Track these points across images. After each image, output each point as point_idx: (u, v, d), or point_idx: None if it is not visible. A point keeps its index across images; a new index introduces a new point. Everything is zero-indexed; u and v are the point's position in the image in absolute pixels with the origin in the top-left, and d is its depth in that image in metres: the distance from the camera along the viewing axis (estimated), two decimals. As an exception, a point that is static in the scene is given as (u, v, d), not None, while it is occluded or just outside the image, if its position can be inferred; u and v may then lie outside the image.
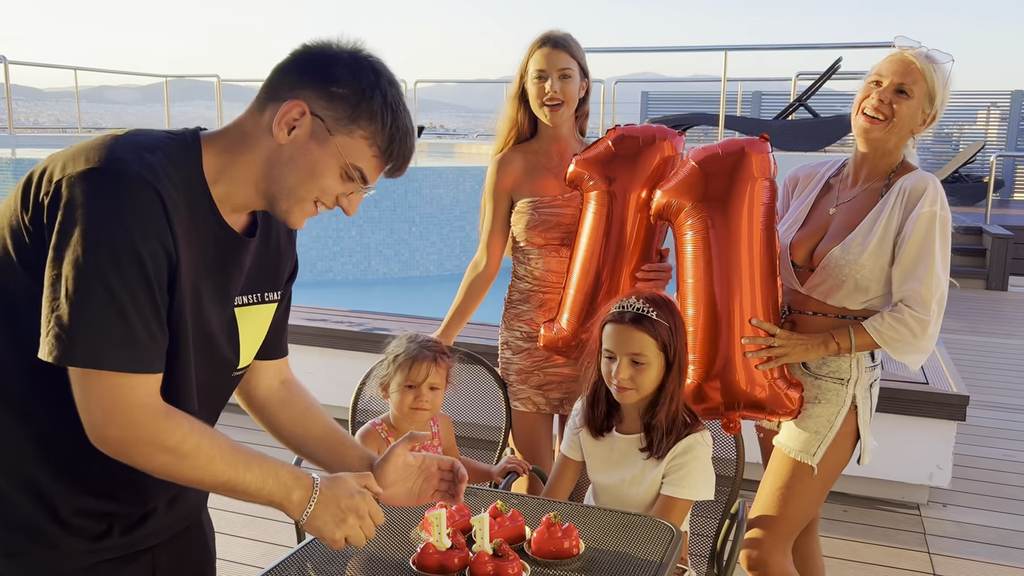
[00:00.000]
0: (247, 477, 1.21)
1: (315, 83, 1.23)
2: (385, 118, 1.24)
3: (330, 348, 4.32)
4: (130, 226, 1.10)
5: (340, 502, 1.29)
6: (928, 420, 3.45)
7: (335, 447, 1.53)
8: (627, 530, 1.69)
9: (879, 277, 2.02)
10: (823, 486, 2.12)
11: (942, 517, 3.48)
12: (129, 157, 1.13)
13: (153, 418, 1.14)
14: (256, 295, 1.38)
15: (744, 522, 2.05)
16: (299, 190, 1.25)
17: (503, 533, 1.61)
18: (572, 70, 2.36)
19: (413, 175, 7.36)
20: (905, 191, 2.00)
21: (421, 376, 2.09)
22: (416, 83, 12.48)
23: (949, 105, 2.12)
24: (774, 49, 7.75)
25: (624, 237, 2.23)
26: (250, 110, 1.27)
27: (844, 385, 2.07)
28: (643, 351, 1.84)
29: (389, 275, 6.93)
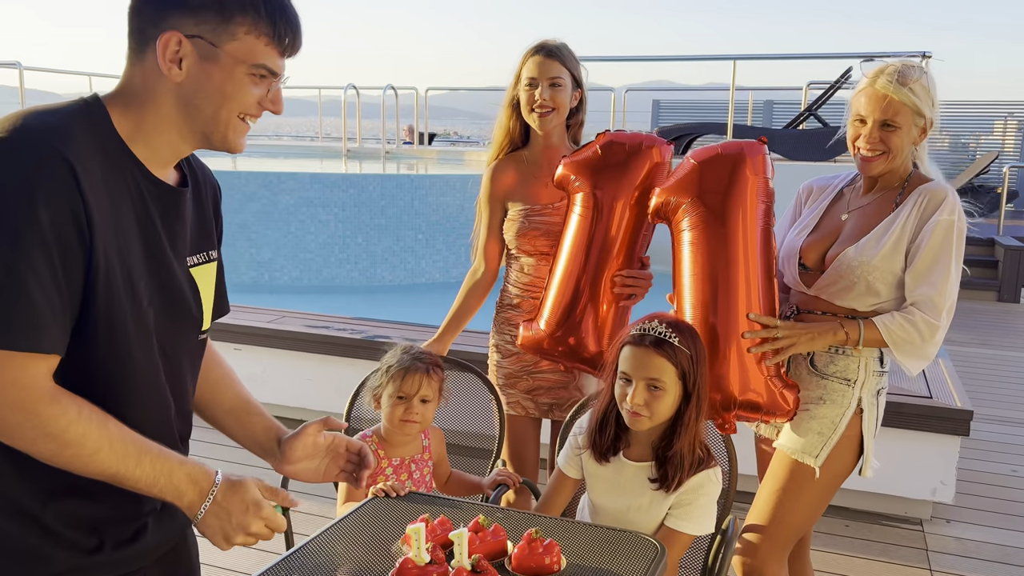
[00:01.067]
0: (137, 473, 1.16)
1: (174, 5, 1.17)
2: (256, 3, 1.18)
3: (330, 355, 4.33)
4: (35, 195, 1.05)
5: (232, 517, 1.23)
6: (931, 435, 3.40)
7: (241, 416, 1.49)
8: (611, 546, 1.67)
9: (890, 280, 2.01)
10: (824, 492, 2.09)
11: (945, 533, 3.44)
12: (34, 124, 1.09)
13: (38, 402, 1.08)
14: (202, 255, 1.33)
15: (734, 539, 2.03)
16: (221, 113, 1.20)
17: (484, 548, 1.59)
18: (563, 79, 2.39)
19: (419, 182, 7.38)
20: (924, 198, 2.00)
21: (413, 388, 2.08)
22: (427, 90, 12.51)
23: (966, 115, 2.13)
24: (783, 59, 7.71)
25: (608, 241, 2.24)
26: (131, 61, 1.21)
27: (851, 386, 2.05)
28: (661, 376, 1.79)
29: (395, 282, 6.93)
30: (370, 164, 9.61)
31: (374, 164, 9.63)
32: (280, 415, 4.55)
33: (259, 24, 1.19)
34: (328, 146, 12.68)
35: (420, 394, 2.09)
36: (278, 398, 4.56)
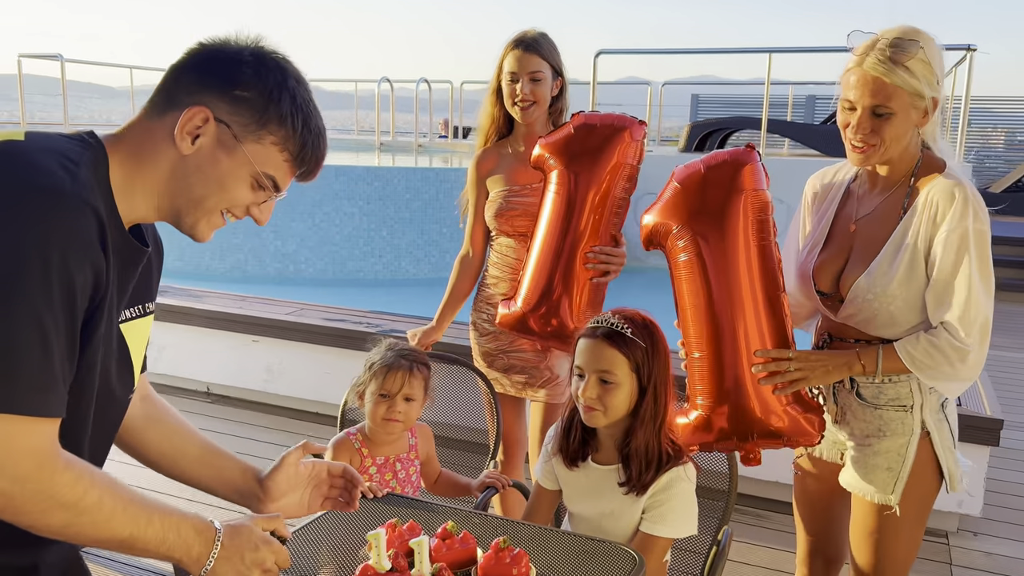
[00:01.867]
0: (148, 533, 1.10)
1: (217, 86, 1.14)
2: (295, 121, 1.16)
3: (348, 349, 4.30)
4: (67, 250, 0.99)
5: (244, 556, 1.18)
6: (960, 444, 3.24)
7: (212, 461, 1.42)
8: (586, 557, 1.59)
9: (915, 304, 1.79)
10: (916, 520, 1.90)
11: (972, 547, 3.28)
12: (58, 170, 1.02)
13: (51, 469, 1.01)
14: (139, 307, 1.26)
15: (727, 550, 1.93)
16: (207, 202, 1.17)
17: (452, 556, 1.53)
18: (543, 72, 2.45)
19: (445, 176, 7.34)
20: (932, 204, 1.75)
21: (396, 386, 2.02)
22: (462, 84, 12.47)
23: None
24: (820, 51, 7.47)
25: (583, 217, 2.26)
26: (147, 114, 1.17)
27: (909, 412, 1.84)
28: (612, 369, 1.72)
29: (419, 276, 6.90)
30: (403, 158, 9.60)
31: (407, 158, 9.62)
32: (297, 407, 4.59)
33: (289, 142, 1.18)
34: (363, 139, 12.71)
35: (403, 392, 2.02)
36: (295, 391, 4.56)
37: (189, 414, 4.71)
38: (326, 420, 4.41)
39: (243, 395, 4.73)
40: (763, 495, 3.51)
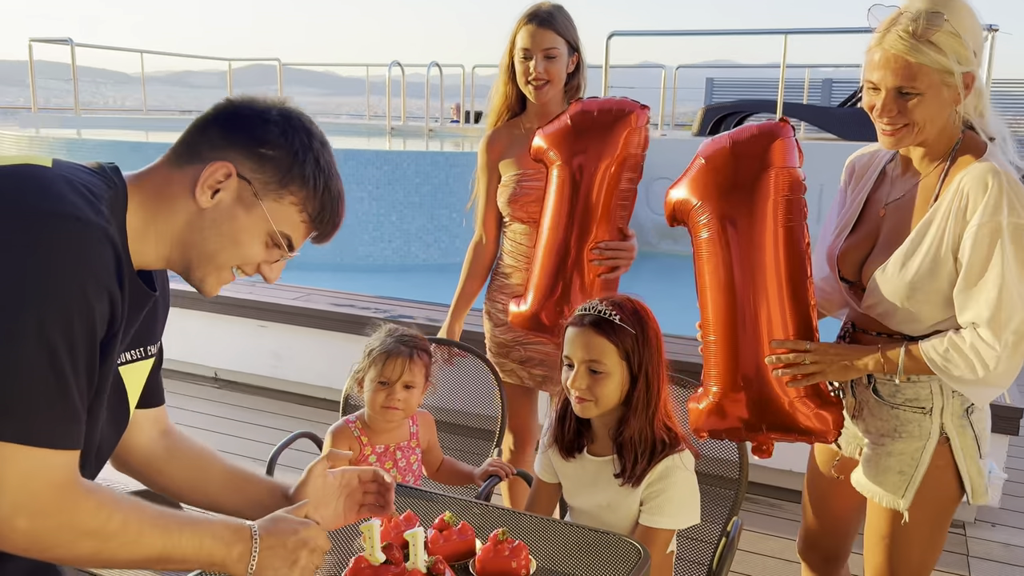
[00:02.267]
0: (182, 542, 1.09)
1: (243, 143, 1.14)
2: (318, 183, 1.17)
3: (355, 334, 4.27)
4: (87, 283, 0.98)
5: (287, 542, 1.17)
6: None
7: (241, 486, 1.39)
8: (589, 549, 1.54)
9: (938, 301, 1.66)
10: (933, 527, 1.78)
11: (989, 538, 3.21)
12: (82, 203, 1.02)
13: (72, 500, 0.99)
14: (140, 350, 1.24)
15: (737, 540, 1.87)
16: (219, 257, 1.16)
17: (449, 548, 1.48)
18: (558, 49, 2.33)
19: (455, 160, 7.27)
20: (962, 194, 1.59)
21: (395, 373, 1.97)
22: (474, 68, 12.36)
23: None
24: (837, 32, 7.30)
25: (588, 211, 2.15)
26: (169, 160, 1.17)
27: (927, 415, 1.72)
28: (601, 358, 1.65)
29: (429, 261, 6.85)
30: (414, 142, 9.53)
31: (418, 142, 9.55)
32: (304, 393, 4.56)
33: (308, 203, 1.18)
34: (374, 124, 12.65)
35: (403, 380, 1.97)
36: (303, 376, 4.54)
37: (197, 399, 4.73)
38: (333, 406, 4.36)
39: (251, 380, 4.71)
40: (775, 484, 3.45)
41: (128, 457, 1.35)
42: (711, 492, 2.09)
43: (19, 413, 0.95)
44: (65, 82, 13.37)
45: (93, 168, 1.13)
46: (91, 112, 13.57)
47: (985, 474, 1.77)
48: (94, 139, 8.03)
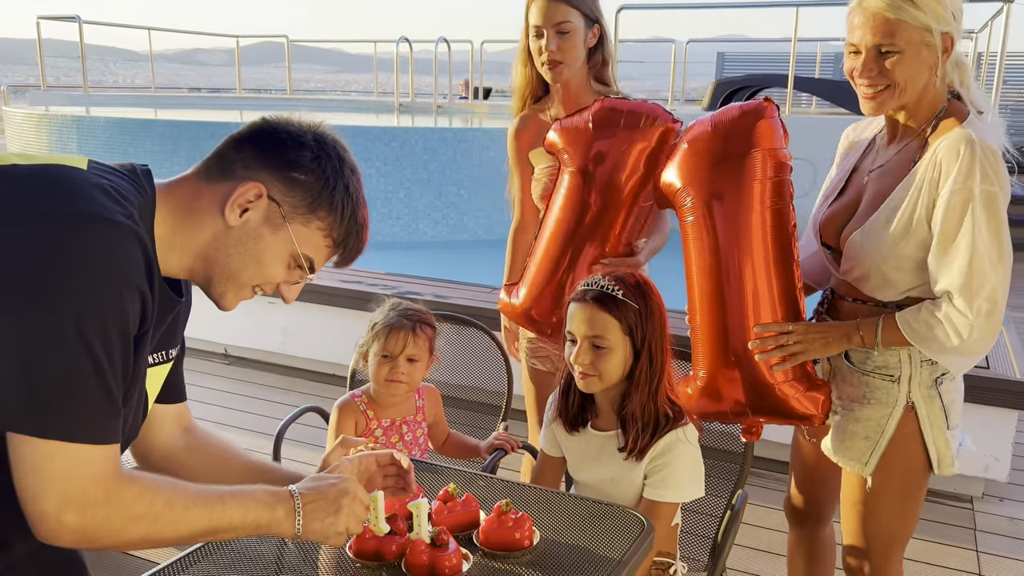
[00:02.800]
0: (227, 511, 1.12)
1: (276, 165, 1.16)
2: (345, 210, 1.19)
3: (364, 311, 4.28)
4: (120, 283, 1.00)
5: (327, 494, 1.20)
6: (986, 408, 3.16)
7: (258, 479, 1.38)
8: (593, 521, 1.54)
9: (910, 267, 1.67)
10: (903, 499, 1.79)
11: (997, 513, 3.21)
12: (112, 205, 1.03)
13: (116, 490, 1.02)
14: (162, 353, 1.26)
15: (741, 512, 1.88)
16: (241, 275, 1.18)
17: (453, 519, 1.49)
18: (572, 23, 2.13)
19: (463, 136, 7.23)
20: (936, 162, 1.61)
21: (398, 347, 1.97)
22: (482, 43, 12.27)
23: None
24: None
25: (594, 223, 1.99)
26: (199, 173, 1.19)
27: (895, 383, 1.74)
28: (604, 334, 1.65)
29: (437, 238, 6.85)
30: (422, 119, 9.49)
31: (426, 119, 9.51)
32: (313, 369, 4.59)
33: (334, 229, 1.20)
34: (382, 101, 12.60)
35: (406, 353, 1.97)
36: (312, 353, 4.56)
37: (207, 375, 4.76)
38: (341, 381, 4.38)
39: (260, 356, 4.74)
40: (782, 458, 3.45)
41: (150, 453, 1.38)
42: (717, 466, 2.09)
43: (63, 411, 0.97)
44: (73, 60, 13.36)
45: (126, 171, 1.14)
46: (100, 90, 13.57)
47: (954, 446, 1.77)
48: (103, 117, 8.03)
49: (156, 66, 13.13)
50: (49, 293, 0.95)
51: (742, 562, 2.83)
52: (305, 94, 16.23)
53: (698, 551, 2.11)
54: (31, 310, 0.95)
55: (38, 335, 0.95)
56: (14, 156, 1.07)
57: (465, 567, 1.37)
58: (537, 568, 1.39)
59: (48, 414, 0.96)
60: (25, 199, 0.99)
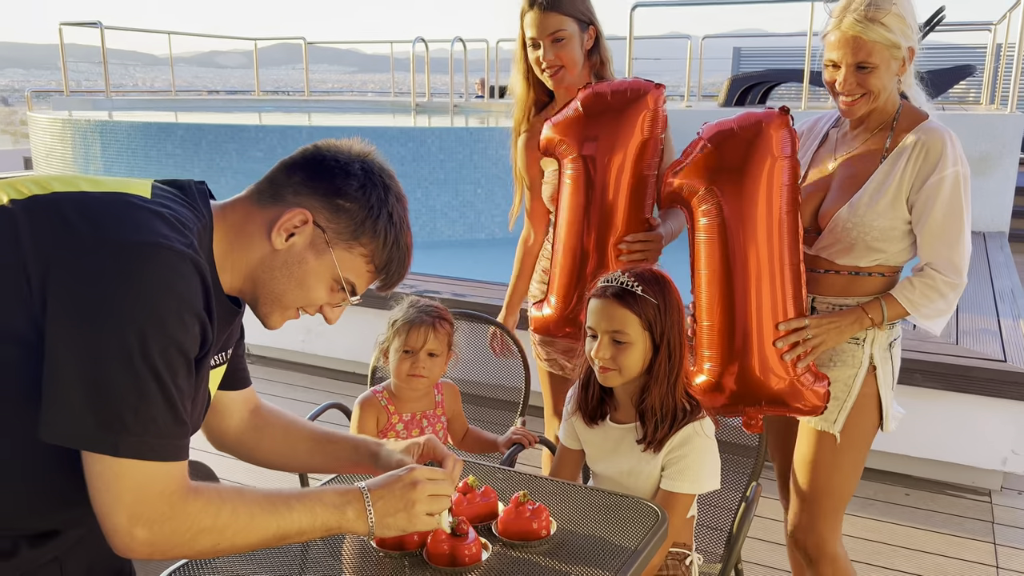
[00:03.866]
0: (294, 517, 1.16)
1: (323, 192, 1.20)
2: (388, 237, 1.23)
3: (382, 310, 4.32)
4: (182, 309, 1.05)
5: (394, 489, 1.25)
6: (1004, 401, 3.17)
7: (326, 448, 1.49)
8: (608, 512, 1.58)
9: (892, 236, 1.88)
10: (856, 455, 1.99)
11: (1015, 506, 3.21)
12: (173, 235, 1.08)
13: (182, 504, 1.07)
14: (223, 355, 1.32)
15: (755, 503, 1.92)
16: (285, 297, 1.22)
17: (472, 510, 1.53)
18: (566, 30, 2.18)
19: (479, 135, 7.27)
20: (923, 148, 1.84)
21: (419, 342, 2.02)
22: (498, 42, 12.30)
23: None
24: None
25: (606, 205, 2.04)
26: (252, 195, 1.23)
27: (860, 345, 1.93)
28: (624, 328, 1.69)
29: (455, 237, 6.88)
30: (439, 118, 9.55)
31: (442, 118, 9.56)
32: (333, 367, 4.65)
33: (377, 256, 1.24)
34: (399, 101, 12.66)
35: (427, 348, 2.02)
36: (332, 351, 4.63)
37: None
38: (361, 379, 4.45)
39: (282, 356, 4.81)
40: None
41: (224, 438, 1.46)
42: (732, 460, 2.13)
43: (135, 431, 1.02)
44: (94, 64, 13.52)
45: (184, 194, 1.19)
46: (121, 94, 13.75)
47: (893, 404, 1.97)
48: (126, 121, 8.14)
49: (174, 69, 13.28)
50: (115, 319, 1.00)
51: (759, 555, 2.86)
52: (322, 95, 16.34)
53: (714, 544, 2.15)
54: (99, 335, 0.99)
55: (107, 359, 1.00)
56: (83, 181, 1.12)
57: (484, 556, 1.41)
58: (554, 557, 1.43)
59: (121, 434, 1.01)
60: (92, 227, 1.04)
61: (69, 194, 1.08)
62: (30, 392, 1.02)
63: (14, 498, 1.09)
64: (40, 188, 1.09)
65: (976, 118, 6.60)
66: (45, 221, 1.04)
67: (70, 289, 1.00)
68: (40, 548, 1.15)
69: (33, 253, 1.02)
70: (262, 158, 7.11)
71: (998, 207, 6.28)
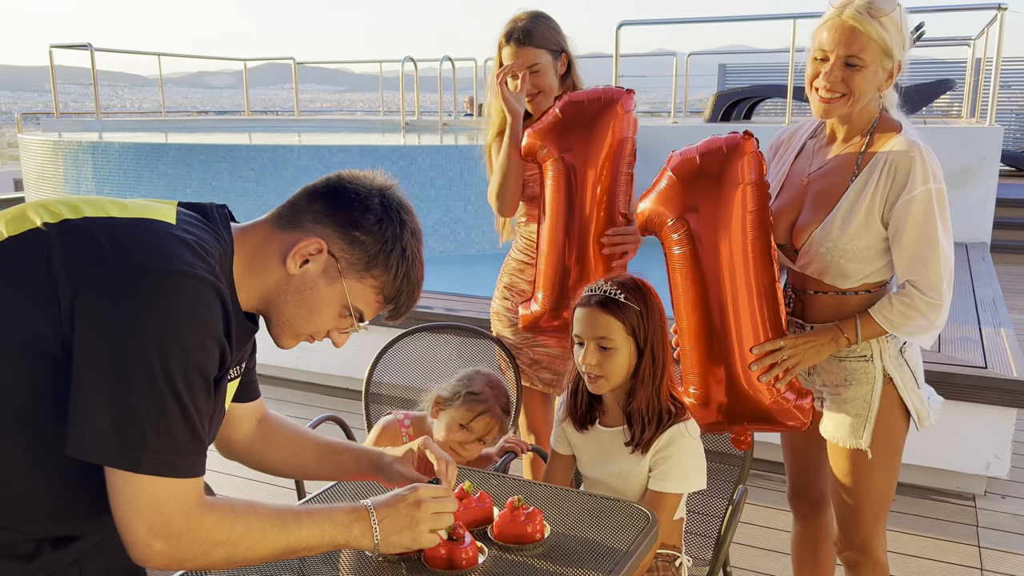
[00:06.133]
0: (303, 533, 1.21)
1: (340, 223, 1.24)
2: (399, 271, 1.27)
3: (374, 325, 4.36)
4: (204, 334, 1.10)
5: (399, 508, 1.30)
6: (986, 407, 3.24)
7: (330, 458, 1.55)
8: (600, 515, 1.63)
9: (867, 255, 1.89)
10: (890, 459, 2.00)
11: (999, 509, 3.28)
12: (196, 261, 1.12)
13: (198, 519, 1.12)
14: (238, 368, 1.36)
15: (741, 507, 1.97)
16: (295, 322, 1.27)
17: (468, 515, 1.58)
18: (541, 63, 2.34)
19: (468, 153, 7.35)
20: (892, 167, 1.82)
21: (480, 429, 2.06)
22: (486, 60, 12.41)
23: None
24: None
25: (585, 205, 2.19)
26: (274, 219, 1.27)
27: (869, 361, 1.94)
28: (609, 335, 1.76)
29: (445, 253, 6.95)
30: (428, 136, 9.63)
31: (432, 136, 9.64)
32: (328, 384, 4.69)
33: (387, 288, 1.28)
34: (389, 119, 12.75)
35: (482, 435, 2.06)
36: (325, 367, 4.66)
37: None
38: (354, 395, 4.50)
39: (276, 372, 4.84)
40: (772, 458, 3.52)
41: (232, 447, 1.51)
42: (720, 469, 2.18)
43: (156, 449, 1.07)
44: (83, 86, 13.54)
45: (206, 219, 1.23)
46: (110, 116, 13.78)
47: (926, 401, 1.97)
48: (118, 142, 8.18)
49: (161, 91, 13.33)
50: (140, 342, 1.04)
51: (749, 561, 2.91)
52: (312, 114, 16.41)
53: (702, 550, 2.20)
54: (124, 357, 1.04)
55: (131, 380, 1.04)
56: (111, 205, 1.17)
57: (481, 559, 1.46)
58: (548, 560, 1.48)
59: (142, 452, 1.06)
60: (120, 253, 1.08)
61: (99, 219, 1.13)
62: (60, 407, 1.07)
63: (42, 506, 1.14)
64: (72, 212, 1.14)
65: (957, 131, 6.72)
66: (76, 245, 1.09)
67: (98, 311, 1.05)
68: (62, 551, 1.19)
69: (64, 275, 1.06)
70: (253, 177, 7.17)
71: (979, 218, 6.39)
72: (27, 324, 1.06)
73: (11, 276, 1.08)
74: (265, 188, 7.23)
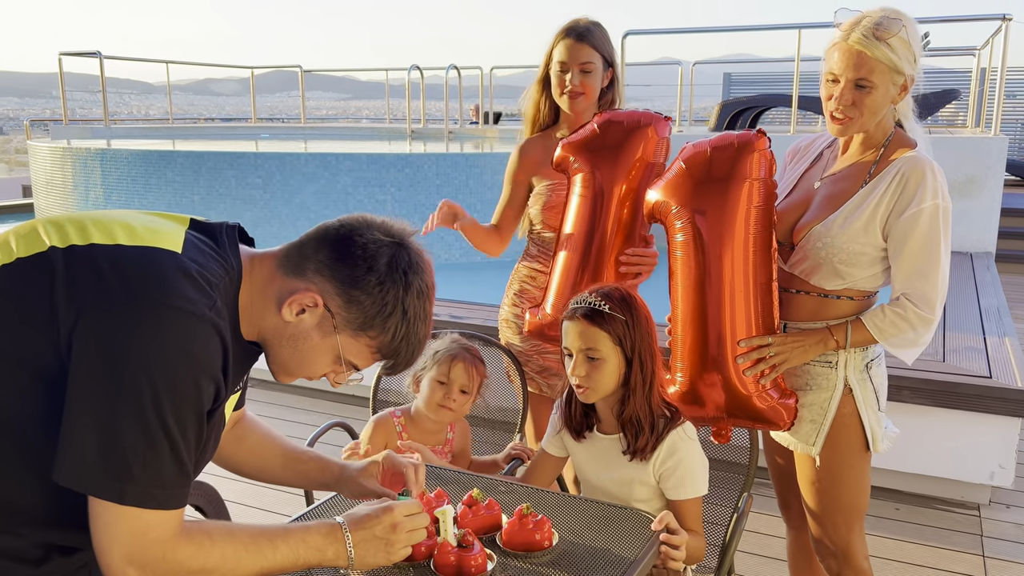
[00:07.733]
0: (277, 557, 1.22)
1: (341, 279, 1.22)
2: (397, 333, 1.25)
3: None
4: (198, 371, 1.11)
5: (374, 531, 1.31)
6: (990, 416, 3.25)
7: (295, 466, 1.57)
8: (608, 523, 1.65)
9: (860, 261, 1.90)
10: (854, 472, 1.99)
11: (1003, 519, 3.28)
12: (197, 296, 1.13)
13: (173, 550, 1.13)
14: (238, 384, 1.38)
15: (746, 514, 1.99)
16: (288, 366, 1.29)
17: (477, 522, 1.60)
18: (593, 64, 2.39)
19: (474, 161, 7.38)
20: (903, 178, 1.85)
21: (456, 376, 2.10)
22: (492, 69, 12.47)
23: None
24: (851, 25, 7.33)
25: (608, 221, 2.21)
26: (282, 259, 1.26)
27: (833, 368, 1.96)
28: (596, 346, 1.78)
29: (451, 261, 6.96)
30: (434, 144, 9.66)
31: (438, 144, 9.67)
32: (329, 389, 4.70)
33: (383, 348, 1.27)
34: (395, 127, 12.80)
35: (461, 384, 2.11)
36: (331, 375, 4.68)
37: (230, 398, 4.83)
38: (362, 402, 4.52)
39: (282, 379, 4.86)
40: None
41: None
42: (726, 477, 2.20)
43: (140, 482, 1.08)
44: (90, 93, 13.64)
45: (215, 240, 1.24)
46: (118, 122, 13.86)
47: (882, 426, 1.98)
48: (126, 149, 8.23)
49: (169, 98, 13.41)
50: (133, 374, 1.06)
51: (753, 569, 2.92)
52: (318, 122, 16.48)
53: (707, 558, 2.20)
54: (116, 388, 1.06)
55: (122, 412, 1.06)
56: (119, 229, 1.17)
57: (489, 567, 1.48)
58: (557, 567, 1.50)
59: (127, 483, 1.08)
60: (122, 284, 1.10)
61: (104, 247, 1.14)
62: (52, 431, 1.09)
63: (44, 517, 1.17)
64: (79, 236, 1.15)
65: (962, 141, 6.73)
66: (79, 272, 1.11)
67: (95, 340, 1.07)
68: (71, 556, 1.22)
69: (66, 301, 1.09)
70: (260, 184, 7.20)
71: (984, 228, 6.40)
72: (28, 346, 1.09)
73: (15, 299, 1.11)
74: (272, 195, 7.27)
